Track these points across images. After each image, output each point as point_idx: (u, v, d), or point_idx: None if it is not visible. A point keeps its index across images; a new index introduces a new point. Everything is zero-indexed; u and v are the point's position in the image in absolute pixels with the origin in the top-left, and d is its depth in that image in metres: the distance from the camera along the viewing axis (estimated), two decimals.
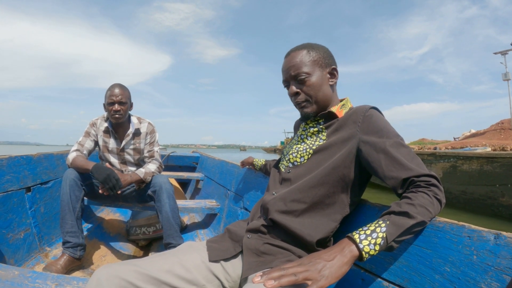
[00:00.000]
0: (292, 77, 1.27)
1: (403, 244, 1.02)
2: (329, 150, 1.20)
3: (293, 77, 1.26)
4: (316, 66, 1.25)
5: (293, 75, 1.26)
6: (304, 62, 1.24)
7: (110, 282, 0.94)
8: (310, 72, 1.24)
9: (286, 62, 1.29)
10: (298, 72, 1.24)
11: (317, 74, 1.25)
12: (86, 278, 1.08)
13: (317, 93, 1.26)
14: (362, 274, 1.16)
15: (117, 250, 2.62)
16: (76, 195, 2.14)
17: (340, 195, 1.18)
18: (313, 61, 1.25)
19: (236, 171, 2.84)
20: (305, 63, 1.24)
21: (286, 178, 1.28)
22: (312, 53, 1.26)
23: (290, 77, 1.27)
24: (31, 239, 2.20)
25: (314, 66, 1.25)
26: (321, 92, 1.26)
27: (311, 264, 0.86)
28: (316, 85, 1.25)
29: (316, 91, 1.25)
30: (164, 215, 2.24)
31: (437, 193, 0.99)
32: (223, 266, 1.14)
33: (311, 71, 1.24)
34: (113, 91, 2.37)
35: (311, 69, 1.24)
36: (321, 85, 1.26)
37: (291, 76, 1.27)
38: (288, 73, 1.27)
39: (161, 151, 2.69)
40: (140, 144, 2.58)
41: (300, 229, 1.13)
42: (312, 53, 1.26)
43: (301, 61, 1.25)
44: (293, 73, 1.25)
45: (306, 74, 1.24)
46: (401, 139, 1.11)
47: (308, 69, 1.24)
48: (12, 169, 2.20)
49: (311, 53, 1.26)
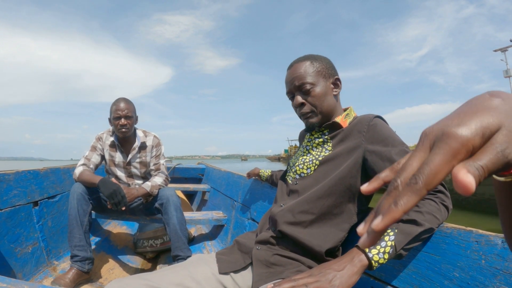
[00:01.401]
0: (296, 88, 1.27)
1: (412, 251, 1.03)
2: (335, 161, 1.21)
3: (298, 88, 1.27)
4: (320, 76, 1.26)
5: (298, 86, 1.26)
6: (308, 73, 1.25)
7: None
8: (314, 83, 1.24)
9: (289, 73, 1.30)
10: (302, 82, 1.24)
11: (322, 85, 1.26)
12: None
13: (322, 104, 1.26)
14: (372, 282, 1.16)
15: (125, 263, 2.62)
16: (84, 209, 2.15)
17: (347, 205, 1.18)
18: (317, 72, 1.26)
19: (242, 182, 2.84)
20: (309, 74, 1.25)
21: (293, 190, 1.29)
22: (316, 63, 1.27)
23: (294, 88, 1.27)
24: (39, 253, 2.20)
25: (318, 76, 1.26)
26: (326, 103, 1.26)
27: (322, 274, 0.87)
28: (321, 95, 1.25)
29: (321, 102, 1.26)
30: (171, 228, 2.23)
31: (444, 199, 0.99)
32: (233, 278, 1.15)
33: (315, 81, 1.25)
34: (119, 106, 2.38)
35: (316, 79, 1.25)
36: (325, 95, 1.26)
37: (295, 87, 1.27)
38: (292, 84, 1.27)
39: (166, 163, 2.69)
40: (146, 157, 2.59)
41: (309, 239, 1.13)
42: (315, 64, 1.26)
43: (305, 72, 1.25)
44: (298, 83, 1.25)
45: (311, 84, 1.24)
46: (406, 147, 1.11)
47: (313, 80, 1.24)
48: (19, 183, 2.21)
49: (315, 64, 1.27)
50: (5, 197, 2.06)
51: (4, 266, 1.88)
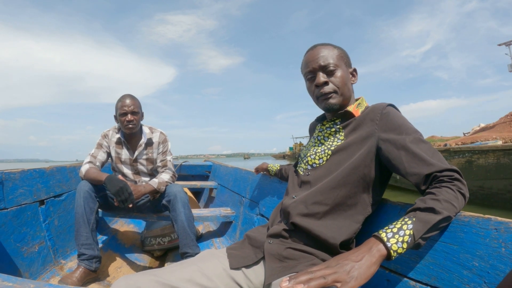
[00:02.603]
0: (321, 67, 1.26)
1: (429, 241, 1.01)
2: (348, 150, 1.19)
3: (322, 68, 1.25)
4: (342, 62, 1.28)
5: (323, 65, 1.25)
6: (333, 56, 1.26)
7: None
8: (339, 65, 1.26)
9: (313, 53, 1.29)
10: (328, 62, 1.25)
11: (344, 69, 1.27)
12: None
13: (343, 86, 1.26)
14: (388, 275, 1.14)
15: (132, 261, 2.61)
16: (90, 207, 2.13)
17: (361, 195, 1.17)
18: (340, 57, 1.28)
19: (250, 177, 2.81)
20: (333, 56, 1.26)
21: (305, 181, 1.27)
22: (338, 50, 1.29)
23: (319, 67, 1.26)
24: (45, 252, 2.19)
25: (341, 61, 1.27)
26: (347, 87, 1.27)
27: (339, 265, 0.84)
28: (344, 78, 1.26)
29: (343, 84, 1.26)
30: (179, 224, 2.21)
31: (460, 187, 0.98)
32: (245, 273, 1.12)
33: (339, 64, 1.26)
34: (125, 102, 2.36)
35: (339, 63, 1.26)
36: (347, 80, 1.28)
37: (320, 66, 1.26)
38: (316, 63, 1.26)
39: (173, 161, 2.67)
40: (153, 154, 2.57)
41: (322, 231, 1.11)
42: (338, 50, 1.29)
43: (329, 54, 1.26)
44: (323, 63, 1.25)
45: (335, 66, 1.25)
46: (420, 134, 1.11)
47: (337, 62, 1.26)
48: (25, 182, 2.20)
49: (337, 49, 1.29)
50: (11, 196, 2.05)
51: (11, 265, 1.87)
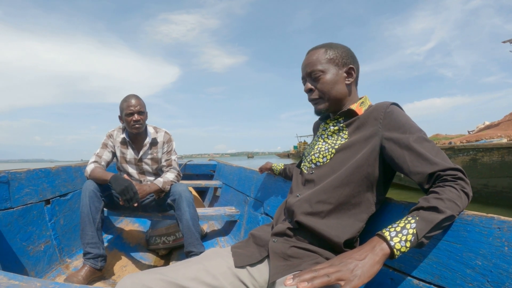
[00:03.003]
0: (307, 74, 1.30)
1: (432, 240, 1.01)
2: (352, 149, 1.19)
3: (309, 74, 1.30)
4: (332, 64, 1.27)
5: (308, 72, 1.29)
6: (320, 61, 1.27)
7: None
8: (324, 70, 1.26)
9: (304, 60, 1.33)
10: (312, 69, 1.27)
11: (332, 72, 1.26)
12: None
13: (330, 91, 1.27)
14: (391, 274, 1.15)
15: (137, 260, 2.62)
16: (96, 206, 2.14)
17: (365, 194, 1.17)
18: (329, 59, 1.27)
19: (255, 177, 2.82)
20: (320, 62, 1.27)
21: (309, 179, 1.27)
22: (330, 51, 1.28)
23: (306, 74, 1.31)
24: (51, 251, 2.21)
25: (329, 64, 1.27)
26: (335, 90, 1.27)
27: (343, 264, 0.85)
28: (329, 83, 1.26)
29: (329, 89, 1.27)
30: (184, 223, 2.21)
31: (464, 186, 0.98)
32: (249, 271, 1.13)
33: (326, 69, 1.26)
34: (130, 102, 2.37)
35: (326, 67, 1.26)
36: (335, 83, 1.27)
37: (307, 73, 1.30)
38: (304, 71, 1.31)
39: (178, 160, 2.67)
40: (158, 153, 2.58)
41: (327, 230, 1.12)
42: (329, 52, 1.28)
43: (317, 59, 1.27)
44: (309, 70, 1.29)
45: (320, 72, 1.26)
46: (424, 133, 1.11)
47: (323, 67, 1.26)
48: (31, 182, 2.21)
49: (329, 52, 1.28)
50: (17, 195, 2.06)
51: (17, 264, 1.89)
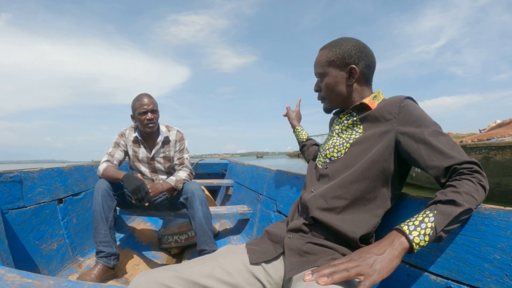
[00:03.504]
0: (315, 74, 1.35)
1: (449, 234, 1.00)
2: (367, 143, 1.18)
3: (315, 75, 1.35)
4: (331, 66, 1.27)
5: (315, 73, 1.35)
6: (320, 63, 1.29)
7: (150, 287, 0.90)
8: (324, 73, 1.29)
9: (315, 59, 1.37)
10: (316, 71, 1.33)
11: (332, 75, 1.27)
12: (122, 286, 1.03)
13: (330, 93, 1.30)
14: (408, 269, 1.13)
15: (149, 259, 2.62)
16: (109, 205, 2.14)
17: (381, 189, 1.16)
18: (328, 62, 1.27)
19: (267, 175, 2.79)
20: (321, 64, 1.29)
21: (323, 174, 1.26)
22: (331, 53, 1.27)
23: (315, 74, 1.35)
24: (64, 250, 2.21)
25: (329, 67, 1.27)
26: (335, 93, 1.29)
27: (362, 259, 0.85)
28: (329, 85, 1.29)
29: (329, 91, 1.30)
30: (197, 222, 2.20)
31: (481, 179, 0.97)
32: (265, 268, 1.12)
33: (325, 71, 1.28)
34: (143, 101, 2.37)
35: (325, 69, 1.28)
36: (335, 85, 1.28)
37: (315, 74, 1.35)
38: (314, 70, 1.36)
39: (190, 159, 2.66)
40: (170, 152, 2.57)
41: (342, 226, 1.10)
42: (330, 54, 1.27)
43: (319, 62, 1.30)
44: (314, 71, 1.35)
45: (321, 74, 1.30)
46: (439, 127, 1.09)
47: (323, 70, 1.29)
48: (43, 181, 2.22)
49: (330, 53, 1.27)
50: (30, 194, 2.07)
51: (30, 262, 1.88)
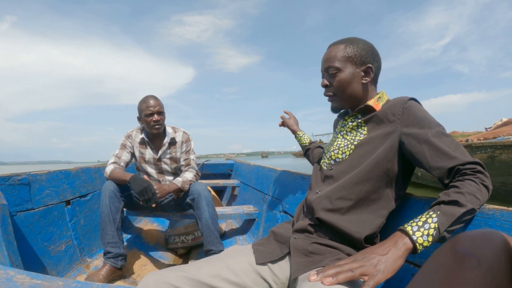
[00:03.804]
0: (325, 70, 1.29)
1: (453, 235, 0.98)
2: (371, 145, 1.19)
3: (326, 70, 1.29)
4: (349, 62, 1.25)
5: (325, 68, 1.28)
6: (337, 57, 1.25)
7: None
8: (341, 68, 1.25)
9: (325, 53, 1.31)
10: (329, 65, 1.26)
11: (348, 71, 1.25)
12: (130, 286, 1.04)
13: (344, 90, 1.26)
14: (412, 269, 1.13)
15: (156, 259, 2.63)
16: (116, 206, 2.16)
17: (385, 190, 1.16)
18: (346, 57, 1.25)
19: (273, 175, 2.80)
20: (338, 58, 1.25)
21: (328, 176, 1.27)
22: (349, 49, 1.25)
23: (324, 69, 1.30)
24: (72, 251, 2.22)
25: (347, 62, 1.25)
26: (349, 90, 1.26)
27: (366, 259, 0.86)
28: (344, 81, 1.25)
29: (343, 88, 1.26)
30: (204, 222, 2.21)
31: (484, 180, 0.97)
32: (271, 268, 1.13)
33: (342, 66, 1.25)
34: (149, 103, 2.38)
35: (343, 65, 1.25)
36: (350, 82, 1.25)
37: (324, 69, 1.30)
38: (323, 65, 1.30)
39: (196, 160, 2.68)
40: (176, 153, 2.59)
41: (347, 226, 1.11)
42: (348, 49, 1.25)
43: (335, 56, 1.25)
44: (326, 65, 1.28)
45: (337, 69, 1.25)
46: (442, 128, 1.10)
47: (340, 65, 1.25)
48: (51, 183, 2.24)
49: (348, 49, 1.25)
50: (38, 196, 2.09)
51: (38, 264, 1.90)
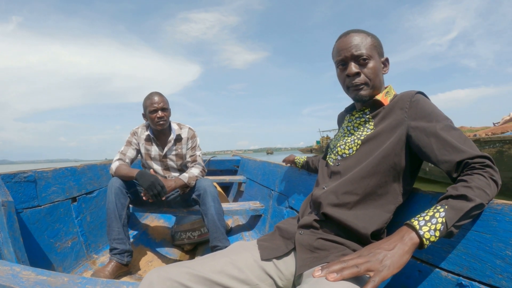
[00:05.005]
0: (353, 57, 1.21)
1: (461, 230, 0.98)
2: (378, 139, 1.17)
3: (355, 57, 1.20)
4: (375, 51, 1.23)
5: (356, 55, 1.20)
6: (366, 45, 1.20)
7: (162, 284, 0.91)
8: (371, 55, 1.21)
9: (345, 40, 1.23)
10: (361, 52, 1.19)
11: (376, 60, 1.22)
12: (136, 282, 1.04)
13: (375, 78, 1.22)
14: (419, 266, 1.12)
15: (163, 255, 2.64)
16: (122, 202, 2.16)
17: (392, 185, 1.15)
18: (373, 46, 1.22)
19: (279, 171, 2.79)
20: (366, 46, 1.20)
21: (335, 171, 1.25)
22: (372, 38, 1.23)
23: (351, 56, 1.21)
24: (78, 247, 2.23)
25: (374, 51, 1.22)
26: (378, 78, 1.23)
27: (372, 254, 0.84)
28: (376, 69, 1.22)
29: (375, 76, 1.22)
30: (210, 218, 2.21)
31: (492, 174, 0.96)
32: (276, 264, 1.11)
33: (372, 54, 1.21)
34: (154, 99, 2.39)
35: (372, 53, 1.21)
36: (378, 71, 1.23)
37: (352, 56, 1.20)
38: (349, 52, 1.21)
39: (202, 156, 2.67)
40: (182, 149, 2.58)
41: (354, 221, 1.10)
42: (371, 38, 1.23)
43: (363, 43, 1.20)
44: (356, 52, 1.19)
45: (368, 56, 1.20)
46: (450, 121, 1.08)
47: (370, 52, 1.20)
48: (57, 180, 2.25)
49: (371, 38, 1.23)
50: (44, 193, 2.10)
51: (45, 260, 1.91)
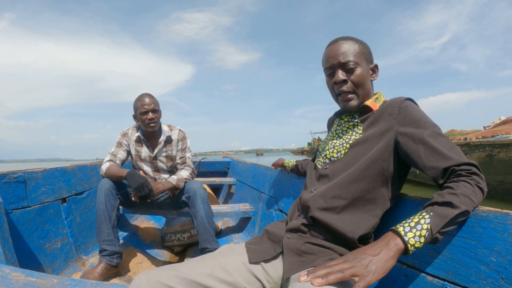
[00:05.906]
0: (340, 65, 1.22)
1: (446, 236, 1.00)
2: (367, 144, 1.18)
3: (342, 65, 1.22)
4: (363, 58, 1.24)
5: (343, 63, 1.21)
6: (353, 52, 1.22)
7: (151, 287, 0.91)
8: (359, 63, 1.22)
9: (333, 48, 1.25)
10: (348, 60, 1.21)
11: (364, 67, 1.23)
12: (125, 284, 1.05)
13: (363, 85, 1.23)
14: (405, 270, 1.14)
15: (153, 257, 2.64)
16: (112, 204, 2.16)
17: (380, 189, 1.16)
18: (361, 53, 1.23)
19: (269, 173, 2.80)
20: (354, 53, 1.22)
21: (323, 174, 1.26)
22: (360, 45, 1.24)
23: (338, 64, 1.22)
24: (68, 249, 2.23)
25: (362, 58, 1.23)
26: (366, 85, 1.24)
27: (357, 260, 0.84)
28: (363, 77, 1.23)
29: (362, 83, 1.23)
30: (199, 220, 2.22)
31: (478, 181, 0.97)
32: (264, 267, 1.12)
33: (359, 62, 1.22)
34: (144, 101, 2.39)
35: (360, 60, 1.22)
36: (366, 78, 1.24)
37: (339, 63, 1.22)
38: (336, 59, 1.22)
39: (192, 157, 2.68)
40: (172, 151, 2.59)
41: (341, 226, 1.11)
42: (360, 45, 1.24)
43: (351, 50, 1.22)
44: (343, 60, 1.21)
45: (355, 63, 1.21)
46: (438, 128, 1.10)
47: (357, 59, 1.21)
48: (47, 181, 2.24)
49: (359, 45, 1.24)
50: (34, 194, 2.09)
51: (34, 261, 1.91)
